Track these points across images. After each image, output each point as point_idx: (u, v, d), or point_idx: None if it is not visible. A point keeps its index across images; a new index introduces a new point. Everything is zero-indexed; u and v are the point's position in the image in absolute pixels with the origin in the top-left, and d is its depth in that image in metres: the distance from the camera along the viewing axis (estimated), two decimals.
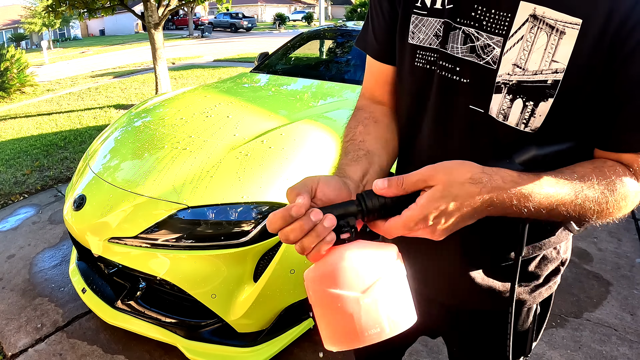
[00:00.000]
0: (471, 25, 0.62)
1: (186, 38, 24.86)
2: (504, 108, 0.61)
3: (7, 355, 1.84)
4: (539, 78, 0.58)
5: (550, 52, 0.56)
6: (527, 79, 0.59)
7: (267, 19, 44.66)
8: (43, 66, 14.33)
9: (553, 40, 0.56)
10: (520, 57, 0.59)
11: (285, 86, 2.80)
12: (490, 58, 0.61)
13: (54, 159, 4.22)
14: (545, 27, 0.56)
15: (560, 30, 0.55)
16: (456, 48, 0.64)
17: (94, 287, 1.86)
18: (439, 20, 0.65)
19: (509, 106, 0.61)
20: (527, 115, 0.60)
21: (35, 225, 2.93)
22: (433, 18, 0.66)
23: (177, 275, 1.55)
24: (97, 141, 2.38)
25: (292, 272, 1.62)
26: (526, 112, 0.60)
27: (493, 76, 0.61)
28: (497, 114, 0.62)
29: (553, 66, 0.57)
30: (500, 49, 0.60)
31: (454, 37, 0.64)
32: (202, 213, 1.59)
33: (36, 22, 28.35)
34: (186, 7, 12.99)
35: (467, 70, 0.64)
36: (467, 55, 0.63)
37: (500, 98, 0.61)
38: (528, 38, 0.58)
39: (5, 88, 8.33)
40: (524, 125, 0.60)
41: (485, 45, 0.61)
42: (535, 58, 0.58)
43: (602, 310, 2.13)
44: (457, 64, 0.64)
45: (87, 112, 6.25)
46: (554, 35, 0.56)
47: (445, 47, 0.65)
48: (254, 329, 1.63)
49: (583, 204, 0.56)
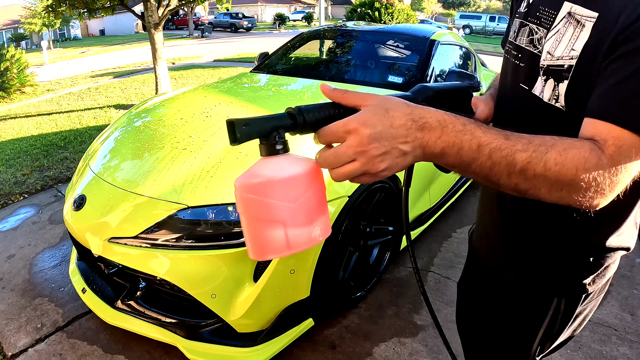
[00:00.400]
0: (535, 22, 0.76)
1: (186, 38, 24.86)
2: (542, 88, 0.73)
3: (7, 355, 1.84)
4: (559, 62, 0.69)
5: (573, 42, 0.67)
6: (552, 64, 0.70)
7: (267, 19, 44.66)
8: (43, 66, 14.33)
9: (576, 32, 0.66)
10: (553, 45, 0.70)
11: (285, 86, 2.80)
12: (540, 47, 0.74)
13: (54, 159, 4.22)
14: (574, 22, 0.67)
15: (582, 23, 0.66)
16: (521, 39, 0.79)
17: (94, 287, 1.86)
18: (520, 20, 0.81)
19: (544, 85, 0.72)
20: (557, 94, 0.70)
21: (35, 225, 2.93)
22: (518, 19, 0.82)
23: (177, 275, 1.55)
24: (97, 141, 2.38)
25: (292, 272, 1.62)
26: (556, 91, 0.70)
27: (538, 61, 0.73)
28: (540, 92, 0.73)
29: (571, 53, 0.67)
30: (545, 40, 0.73)
31: (523, 32, 0.79)
32: (202, 213, 1.59)
33: (36, 22, 28.35)
34: (186, 7, 12.99)
35: (524, 57, 0.78)
36: (527, 45, 0.77)
37: (540, 80, 0.73)
38: (561, 31, 0.69)
39: (5, 88, 8.32)
40: (555, 101, 0.70)
41: (539, 37, 0.74)
42: (561, 46, 0.69)
43: (602, 310, 2.13)
44: (520, 51, 0.79)
45: (87, 112, 6.25)
46: (577, 28, 0.66)
47: (517, 40, 0.80)
48: (254, 329, 1.63)
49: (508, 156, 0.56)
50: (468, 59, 3.52)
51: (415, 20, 13.41)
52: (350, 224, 1.89)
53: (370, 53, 3.18)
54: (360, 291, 2.10)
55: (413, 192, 2.35)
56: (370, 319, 2.03)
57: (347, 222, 1.80)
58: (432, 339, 1.92)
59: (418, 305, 2.13)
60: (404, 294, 2.20)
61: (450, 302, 2.14)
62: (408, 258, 2.51)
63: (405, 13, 12.41)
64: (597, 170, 0.56)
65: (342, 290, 1.98)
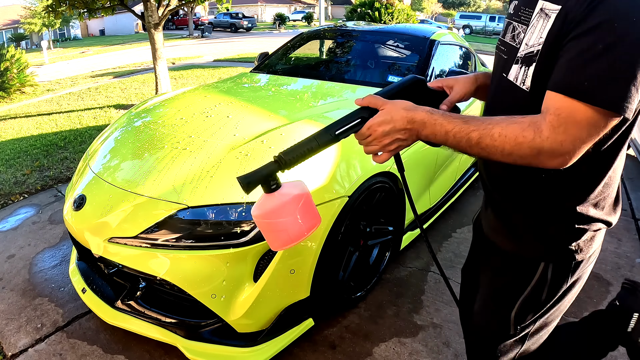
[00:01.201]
0: (517, 20, 0.88)
1: (186, 38, 24.86)
2: (517, 73, 0.85)
3: (7, 355, 1.84)
4: (530, 50, 0.81)
5: (541, 31, 0.79)
6: (526, 51, 0.82)
7: (267, 19, 44.66)
8: (43, 66, 14.32)
9: (544, 23, 0.78)
10: (528, 37, 0.83)
11: (285, 86, 2.80)
12: (518, 41, 0.87)
13: (54, 159, 4.21)
14: (544, 15, 0.79)
15: (548, 15, 0.78)
16: (508, 36, 0.91)
17: (94, 287, 1.86)
18: (507, 20, 0.94)
19: (518, 71, 0.84)
20: (524, 77, 0.83)
21: (35, 225, 2.93)
22: (506, 19, 0.95)
23: (177, 275, 1.55)
24: (97, 141, 2.38)
25: (292, 272, 1.62)
26: (524, 75, 0.83)
27: (516, 52, 0.86)
28: (514, 78, 0.86)
29: (539, 40, 0.79)
30: (524, 34, 0.85)
31: (508, 29, 0.92)
32: (202, 213, 1.59)
33: (36, 22, 28.34)
34: (186, 7, 12.99)
35: (508, 51, 0.90)
36: (510, 40, 0.90)
37: (516, 67, 0.85)
38: (535, 24, 0.81)
39: (5, 88, 8.32)
40: (522, 83, 0.83)
41: (518, 33, 0.87)
42: (534, 37, 0.81)
43: None
44: (505, 47, 0.92)
45: (87, 112, 6.25)
46: (545, 20, 0.78)
47: (504, 37, 0.94)
48: (254, 329, 1.63)
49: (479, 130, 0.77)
50: (468, 58, 3.52)
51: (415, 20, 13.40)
52: (351, 223, 1.89)
53: (370, 53, 3.17)
54: (360, 291, 2.10)
55: (413, 192, 2.35)
56: (370, 319, 2.03)
57: (347, 221, 1.80)
58: (432, 339, 1.92)
59: (418, 305, 2.13)
60: (404, 294, 2.20)
61: (450, 302, 2.14)
62: (408, 258, 2.51)
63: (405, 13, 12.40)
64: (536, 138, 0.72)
65: (342, 290, 1.98)
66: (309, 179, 1.69)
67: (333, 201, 1.71)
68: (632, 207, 3.33)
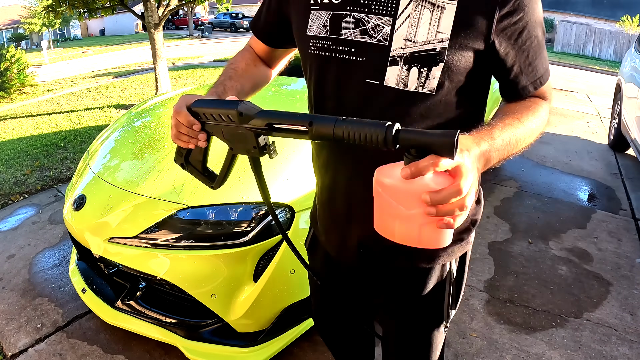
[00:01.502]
0: (361, 10, 0.73)
1: (186, 38, 24.85)
2: (403, 77, 0.72)
3: (7, 355, 1.84)
4: (428, 47, 0.70)
5: (435, 25, 0.69)
6: (418, 50, 0.70)
7: None
8: (43, 66, 14.31)
9: (436, 15, 0.69)
10: (410, 32, 0.70)
11: (285, 86, 2.80)
12: (381, 36, 0.72)
13: (54, 159, 4.21)
14: (428, 5, 0.69)
15: (441, 7, 0.69)
16: (349, 32, 0.75)
17: (94, 287, 1.86)
18: (328, 12, 0.77)
19: (407, 75, 0.72)
20: (423, 79, 0.71)
21: (35, 225, 2.93)
22: (323, 11, 0.78)
23: (177, 275, 1.55)
24: (97, 141, 2.37)
25: (292, 272, 1.62)
26: (422, 77, 0.71)
27: (387, 51, 0.72)
28: (397, 83, 0.73)
29: (439, 36, 0.69)
30: (391, 27, 0.71)
31: (346, 24, 0.75)
32: (202, 213, 1.58)
33: (36, 22, 28.32)
34: (186, 7, 12.99)
35: (362, 50, 0.74)
36: (360, 37, 0.74)
37: (397, 69, 0.72)
38: (414, 15, 0.70)
39: (5, 88, 8.32)
40: (422, 87, 0.72)
41: (375, 25, 0.72)
42: (422, 31, 0.70)
43: (602, 311, 2.13)
44: (352, 46, 0.75)
45: (87, 112, 6.25)
46: (436, 11, 0.69)
47: (340, 34, 0.76)
48: (254, 329, 1.63)
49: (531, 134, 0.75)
50: None
51: None
52: None
53: None
54: None
55: None
56: None
57: None
58: None
59: None
60: None
61: None
62: None
63: None
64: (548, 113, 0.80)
65: None
66: (309, 178, 1.68)
67: None
68: (632, 207, 3.33)
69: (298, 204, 1.61)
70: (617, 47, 18.39)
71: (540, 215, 3.12)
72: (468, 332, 1.98)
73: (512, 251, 2.64)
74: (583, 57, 18.31)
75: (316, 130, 0.64)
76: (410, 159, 0.57)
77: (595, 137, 5.21)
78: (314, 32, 0.80)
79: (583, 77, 11.15)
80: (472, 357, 1.84)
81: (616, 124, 4.57)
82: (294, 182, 1.65)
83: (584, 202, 3.43)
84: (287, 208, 1.59)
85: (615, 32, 18.97)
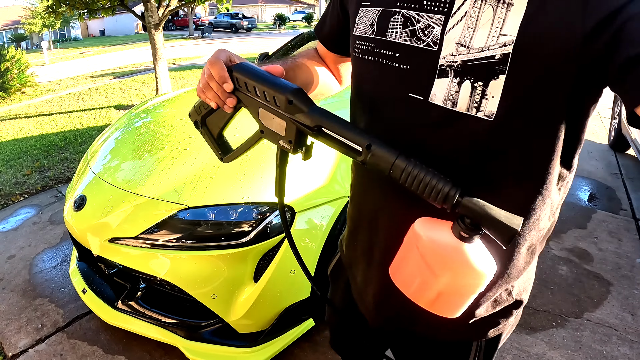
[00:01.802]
0: (411, 7, 0.59)
1: (186, 38, 24.86)
2: (452, 93, 0.55)
3: (7, 355, 1.84)
4: (486, 54, 0.52)
5: (498, 26, 0.52)
6: (472, 57, 0.53)
7: (267, 20, 44.66)
8: (43, 67, 14.33)
9: (500, 13, 0.52)
10: (465, 34, 0.54)
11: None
12: (430, 39, 0.57)
13: (54, 159, 4.22)
14: (491, 0, 0.52)
15: (507, 2, 0.51)
16: (396, 33, 0.60)
17: (94, 287, 1.86)
18: (378, 9, 0.63)
19: (457, 90, 0.55)
20: (478, 98, 0.54)
21: (35, 226, 2.93)
22: (373, 8, 0.64)
23: (178, 275, 1.55)
24: (98, 141, 2.38)
25: (293, 272, 1.62)
26: (476, 95, 0.54)
27: (435, 59, 0.56)
28: (445, 101, 0.56)
29: (501, 40, 0.51)
30: (442, 28, 0.56)
31: (394, 23, 0.61)
32: (203, 213, 1.59)
33: (36, 22, 28.33)
34: (186, 7, 12.99)
35: (407, 55, 0.59)
36: (407, 39, 0.59)
37: (447, 83, 0.56)
38: (472, 14, 0.53)
39: (6, 88, 8.32)
40: (476, 109, 0.54)
41: (425, 26, 0.57)
42: (481, 34, 0.53)
43: (602, 311, 2.13)
44: (396, 49, 0.60)
45: (88, 113, 6.25)
46: (500, 7, 0.52)
47: (385, 35, 0.62)
48: (254, 329, 1.63)
49: None
50: None
51: None
52: None
53: None
54: None
55: None
56: None
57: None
58: None
59: None
60: None
61: None
62: None
63: None
64: None
65: None
66: (309, 179, 1.69)
67: (333, 202, 1.71)
68: (632, 207, 3.33)
69: (298, 205, 1.61)
70: None
71: None
72: None
73: None
74: None
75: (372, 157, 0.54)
76: (462, 228, 0.52)
77: (596, 137, 5.21)
78: (360, 31, 0.66)
79: None
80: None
81: (616, 124, 4.57)
82: (295, 183, 1.65)
83: (584, 202, 3.43)
84: (288, 208, 1.59)
85: None
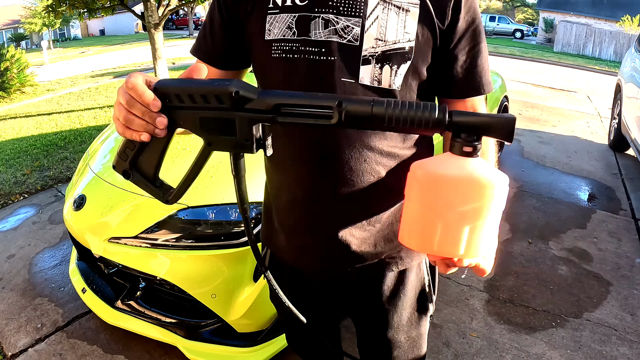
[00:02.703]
0: (329, 12, 0.75)
1: (186, 38, 24.84)
2: (376, 75, 0.76)
3: (7, 355, 1.84)
4: (398, 46, 0.75)
5: (402, 26, 0.74)
6: (389, 48, 0.75)
7: None
8: (43, 66, 14.30)
9: (402, 17, 0.74)
10: (380, 32, 0.74)
11: None
12: (351, 36, 0.75)
13: (54, 158, 4.21)
14: (394, 8, 0.74)
15: (405, 9, 0.74)
16: (319, 33, 0.76)
17: (94, 287, 1.86)
18: (292, 14, 0.77)
19: (380, 73, 0.76)
20: (394, 77, 0.76)
21: (35, 225, 2.93)
22: (286, 14, 0.77)
23: (177, 275, 1.55)
24: (97, 141, 2.38)
25: None
26: (393, 74, 0.76)
27: (357, 51, 0.75)
28: (372, 81, 0.76)
29: (406, 36, 0.75)
30: (361, 28, 0.75)
31: (315, 25, 0.76)
32: (202, 213, 1.58)
33: (36, 22, 28.29)
34: (186, 7, 12.98)
35: (332, 49, 0.76)
36: (330, 37, 0.76)
37: (370, 68, 0.75)
38: (382, 17, 0.74)
39: (6, 88, 8.31)
40: (391, 85, 0.76)
41: (345, 26, 0.75)
42: (391, 31, 0.74)
43: (602, 310, 2.13)
44: (322, 46, 0.76)
45: (87, 112, 6.25)
46: (402, 13, 0.74)
47: (309, 35, 0.76)
48: (254, 329, 1.63)
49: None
50: None
51: None
52: None
53: None
54: None
55: None
56: None
57: None
58: (432, 339, 1.92)
59: None
60: None
61: (450, 302, 2.14)
62: None
63: None
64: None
65: None
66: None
67: None
68: (632, 207, 3.33)
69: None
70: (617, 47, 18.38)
71: (540, 215, 3.12)
72: (468, 332, 1.98)
73: (512, 251, 2.64)
74: (583, 57, 18.30)
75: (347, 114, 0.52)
76: (461, 143, 0.52)
77: (595, 137, 5.21)
78: (275, 35, 0.78)
79: (583, 77, 11.14)
80: (472, 357, 1.84)
81: (616, 124, 4.57)
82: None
83: (584, 202, 3.43)
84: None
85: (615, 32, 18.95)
